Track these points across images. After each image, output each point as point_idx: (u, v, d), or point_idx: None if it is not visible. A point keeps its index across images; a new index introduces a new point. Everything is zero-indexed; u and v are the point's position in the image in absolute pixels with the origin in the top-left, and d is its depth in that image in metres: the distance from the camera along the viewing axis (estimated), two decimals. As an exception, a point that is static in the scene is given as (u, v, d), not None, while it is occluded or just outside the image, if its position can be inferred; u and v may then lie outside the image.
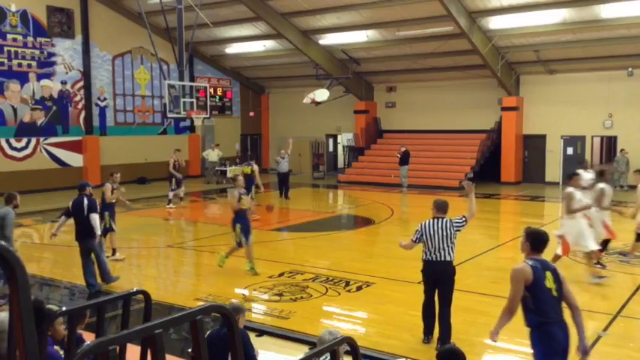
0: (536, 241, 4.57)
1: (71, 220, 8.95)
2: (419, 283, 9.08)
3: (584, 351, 4.42)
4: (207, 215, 16.99)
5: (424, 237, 6.52)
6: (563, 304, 4.53)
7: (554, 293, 4.37)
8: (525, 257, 4.59)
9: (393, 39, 21.92)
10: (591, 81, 21.28)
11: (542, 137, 22.57)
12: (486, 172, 22.60)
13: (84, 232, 8.79)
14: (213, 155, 24.49)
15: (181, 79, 18.18)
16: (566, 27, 19.01)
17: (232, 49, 25.72)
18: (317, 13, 21.43)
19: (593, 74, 21.18)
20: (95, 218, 8.87)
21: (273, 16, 21.67)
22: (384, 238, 13.46)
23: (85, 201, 8.88)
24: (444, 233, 6.46)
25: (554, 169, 22.51)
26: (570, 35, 19.57)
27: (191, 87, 18.58)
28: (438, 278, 6.47)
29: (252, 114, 28.83)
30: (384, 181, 22.18)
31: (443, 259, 6.40)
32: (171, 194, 17.30)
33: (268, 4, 21.17)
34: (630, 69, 20.19)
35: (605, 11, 17.84)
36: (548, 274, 4.41)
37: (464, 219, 6.76)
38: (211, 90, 25.56)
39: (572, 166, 22.09)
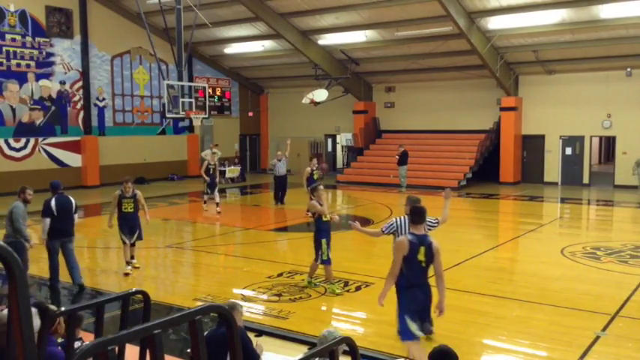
0: (414, 215, 5.43)
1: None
2: (418, 283, 9.09)
3: (440, 309, 5.45)
4: (206, 215, 16.97)
5: (398, 232, 6.58)
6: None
7: (424, 264, 5.29)
8: (409, 229, 5.55)
9: (391, 39, 21.93)
10: (590, 81, 21.30)
11: (541, 137, 22.59)
12: (485, 172, 22.62)
13: (70, 231, 8.83)
14: (215, 152, 24.48)
15: (180, 79, 18.17)
16: (565, 27, 19.03)
17: (231, 49, 25.72)
18: (316, 14, 21.43)
19: (592, 74, 21.21)
20: (76, 218, 9.11)
21: (272, 16, 21.67)
22: (382, 239, 13.43)
23: (72, 200, 8.95)
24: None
25: (553, 170, 22.53)
26: (569, 35, 19.59)
27: (190, 87, 18.57)
28: None
29: (251, 114, 28.85)
30: (383, 181, 22.19)
31: None
32: (206, 197, 16.84)
33: (267, 4, 21.17)
34: (629, 69, 20.23)
35: (603, 11, 17.86)
36: (423, 248, 5.26)
37: (437, 221, 6.99)
38: (210, 90, 25.56)
39: (570, 167, 22.19)
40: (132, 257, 10.07)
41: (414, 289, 5.33)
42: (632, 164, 20.66)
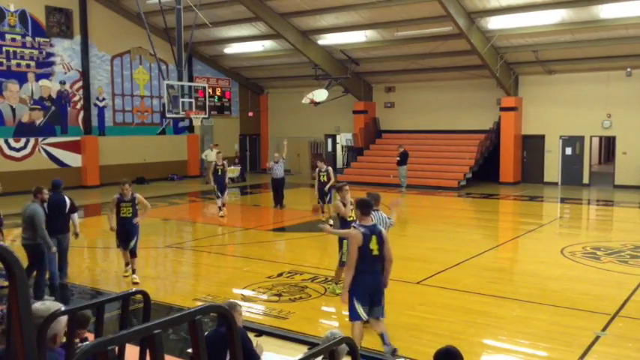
0: (362, 207, 5.91)
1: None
2: (417, 283, 9.11)
3: (384, 284, 5.97)
4: (206, 215, 16.98)
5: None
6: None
7: (375, 252, 5.73)
8: (358, 221, 5.93)
9: (391, 39, 21.92)
10: (590, 81, 21.30)
11: (541, 137, 22.59)
12: (485, 172, 22.62)
13: (63, 229, 8.88)
14: (211, 155, 24.50)
15: (180, 79, 18.17)
16: (565, 27, 19.02)
17: (231, 49, 25.72)
18: (316, 14, 21.42)
19: (592, 74, 21.20)
20: (76, 217, 9.23)
21: (272, 16, 21.67)
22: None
23: (67, 200, 9.06)
24: (383, 225, 6.94)
25: (553, 170, 22.53)
26: (569, 35, 19.59)
27: (190, 87, 18.57)
28: None
29: (251, 114, 28.85)
30: (383, 181, 22.18)
31: None
32: (219, 202, 15.73)
33: (267, 4, 21.17)
34: (629, 69, 20.22)
35: (603, 12, 17.86)
36: (374, 237, 5.73)
37: (390, 220, 7.62)
38: (210, 90, 25.56)
39: (570, 167, 22.19)
40: (133, 271, 9.34)
41: (364, 274, 5.75)
42: (633, 164, 20.65)
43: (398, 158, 21.32)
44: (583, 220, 17.12)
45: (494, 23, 19.58)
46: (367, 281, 5.78)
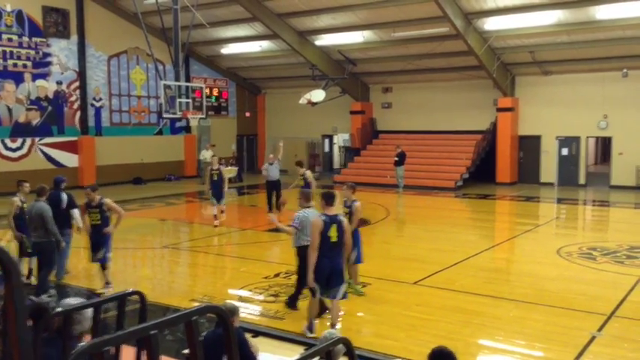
0: (326, 198, 6.63)
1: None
2: (414, 283, 9.13)
3: (349, 259, 6.93)
4: (203, 216, 16.96)
5: (304, 222, 7.17)
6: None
7: (334, 239, 6.44)
8: (322, 211, 6.61)
9: (388, 40, 21.94)
10: (586, 82, 21.35)
11: (538, 138, 22.63)
12: (482, 172, 22.66)
13: (61, 225, 8.90)
14: (208, 155, 24.50)
15: (177, 79, 18.15)
16: (561, 28, 19.07)
17: (228, 49, 25.71)
18: (313, 14, 21.43)
19: (588, 75, 21.25)
20: (77, 212, 9.29)
21: (269, 16, 21.67)
22: (379, 239, 13.48)
23: (64, 196, 9.25)
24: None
25: (549, 170, 22.57)
26: (565, 36, 19.64)
27: (187, 87, 18.55)
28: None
29: (248, 114, 28.84)
30: (380, 181, 22.21)
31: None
32: (214, 209, 14.41)
33: (264, 4, 21.17)
34: (625, 70, 20.26)
35: (599, 12, 17.90)
36: (334, 226, 6.45)
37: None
38: (207, 90, 25.52)
39: (567, 167, 22.25)
40: (106, 283, 8.69)
41: (322, 258, 6.44)
42: (629, 165, 20.70)
43: (395, 159, 21.36)
44: (579, 220, 17.16)
45: (490, 24, 19.61)
46: (325, 264, 6.45)
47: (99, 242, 8.63)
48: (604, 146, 24.49)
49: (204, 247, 12.52)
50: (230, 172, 24.58)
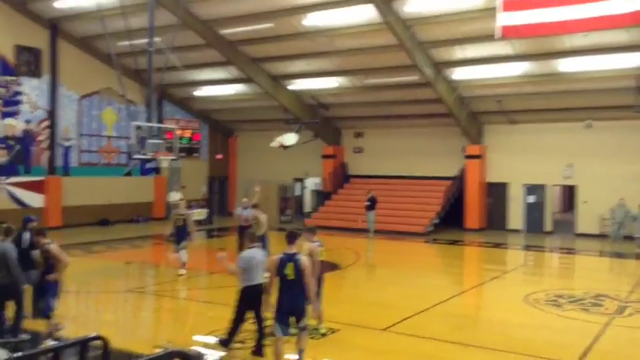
0: (287, 237, 6.82)
1: None
2: (384, 329, 9.05)
3: (307, 300, 6.79)
4: (170, 259, 16.65)
5: (250, 262, 7.42)
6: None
7: (291, 277, 6.55)
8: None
9: (361, 86, 22.39)
10: (552, 131, 21.96)
11: (505, 185, 23.08)
12: (451, 218, 22.89)
13: (24, 266, 8.52)
14: (177, 197, 24.20)
15: (149, 120, 18.10)
16: (527, 79, 19.74)
17: (202, 91, 25.85)
18: (287, 60, 21.80)
19: (554, 125, 21.86)
20: (36, 254, 8.72)
21: (244, 61, 21.96)
22: (349, 283, 13.41)
23: (27, 236, 9.09)
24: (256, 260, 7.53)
25: (516, 217, 22.93)
26: (531, 87, 20.29)
27: (159, 128, 18.49)
28: (255, 300, 7.49)
29: (219, 157, 28.78)
30: (351, 225, 22.24)
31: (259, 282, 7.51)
32: (183, 256, 13.26)
33: (240, 49, 21.46)
34: (588, 121, 20.75)
35: (563, 65, 18.61)
36: (290, 264, 6.55)
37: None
38: (179, 132, 25.50)
39: (533, 214, 22.64)
40: (53, 329, 8.04)
41: (282, 296, 6.61)
42: (593, 213, 21.14)
43: (367, 203, 21.48)
44: (546, 267, 17.38)
45: (459, 74, 20.20)
46: (284, 302, 6.61)
47: (43, 289, 8.08)
48: (569, 194, 25.07)
49: (170, 290, 12.26)
50: (200, 214, 24.35)
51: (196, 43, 20.88)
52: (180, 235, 13.33)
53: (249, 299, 7.42)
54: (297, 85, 23.48)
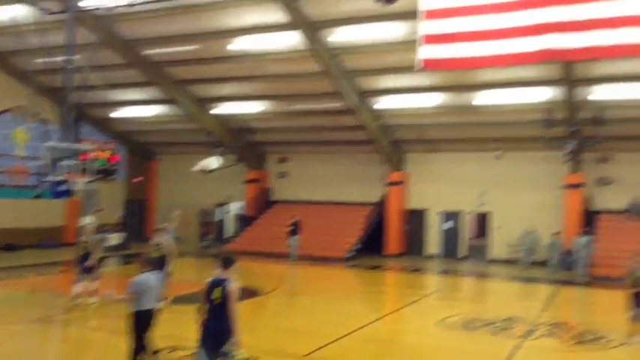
0: (224, 262, 6.69)
1: None
2: (304, 356, 8.95)
3: (232, 342, 6.50)
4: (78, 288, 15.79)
5: (142, 286, 7.27)
6: None
7: (217, 301, 6.46)
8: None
9: (286, 111, 22.52)
10: (468, 161, 22.91)
11: (424, 212, 23.76)
12: (372, 243, 23.23)
13: None
14: (86, 221, 23.11)
15: (65, 140, 17.31)
16: (445, 110, 20.58)
17: (122, 112, 25.09)
18: (213, 82, 21.62)
19: (469, 155, 22.85)
20: None
21: (168, 82, 21.57)
22: (270, 311, 13.23)
23: None
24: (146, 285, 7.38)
25: (433, 243, 23.62)
26: (449, 118, 21.15)
27: (73, 149, 17.71)
28: (145, 325, 7.35)
29: (138, 179, 27.85)
30: (273, 250, 22.07)
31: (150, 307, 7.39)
32: (79, 288, 12.43)
33: (163, 70, 21.06)
34: (498, 153, 21.78)
35: (478, 98, 19.58)
36: (217, 289, 6.49)
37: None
38: (96, 153, 24.51)
39: (449, 240, 23.41)
40: None
41: (207, 320, 6.52)
42: (504, 239, 22.10)
43: (290, 228, 21.42)
44: (461, 292, 17.93)
45: (383, 103, 20.77)
46: (209, 327, 6.53)
47: None
48: (483, 221, 26.09)
49: (78, 320, 11.60)
50: (115, 239, 23.41)
51: (118, 63, 20.31)
52: (83, 262, 12.67)
53: (139, 324, 7.25)
54: (222, 108, 23.28)
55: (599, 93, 18.13)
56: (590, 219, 20.36)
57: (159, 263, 11.85)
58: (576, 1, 8.58)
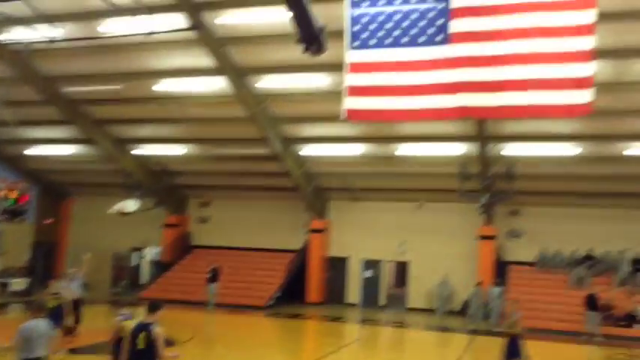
0: (150, 307, 6.71)
1: None
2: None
3: None
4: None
5: (29, 335, 6.88)
6: None
7: (141, 346, 6.43)
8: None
9: (210, 155, 22.27)
10: (389, 210, 23.37)
11: (345, 260, 23.89)
12: (293, 291, 22.99)
13: None
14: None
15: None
16: (368, 160, 21.07)
17: (36, 150, 23.91)
18: (134, 123, 21.15)
19: (391, 204, 23.32)
20: None
21: (86, 121, 20.90)
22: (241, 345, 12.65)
23: None
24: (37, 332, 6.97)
25: (354, 291, 23.69)
26: (371, 167, 21.63)
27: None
28: None
29: (49, 221, 26.38)
30: (190, 298, 21.35)
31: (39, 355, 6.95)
32: None
33: (82, 109, 20.41)
34: (419, 202, 22.51)
35: (399, 149, 20.22)
36: (143, 333, 6.46)
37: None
38: (4, 192, 23.18)
39: (369, 289, 23.58)
40: None
41: None
42: (422, 289, 22.51)
43: (209, 275, 20.88)
44: (379, 341, 17.98)
45: (307, 150, 21.01)
46: None
47: None
48: (402, 270, 26.56)
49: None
50: (19, 284, 21.98)
51: (34, 99, 19.51)
52: None
53: None
54: (142, 149, 22.73)
55: (510, 149, 19.22)
56: (502, 270, 21.17)
57: (55, 313, 11.34)
58: (490, 63, 9.13)
